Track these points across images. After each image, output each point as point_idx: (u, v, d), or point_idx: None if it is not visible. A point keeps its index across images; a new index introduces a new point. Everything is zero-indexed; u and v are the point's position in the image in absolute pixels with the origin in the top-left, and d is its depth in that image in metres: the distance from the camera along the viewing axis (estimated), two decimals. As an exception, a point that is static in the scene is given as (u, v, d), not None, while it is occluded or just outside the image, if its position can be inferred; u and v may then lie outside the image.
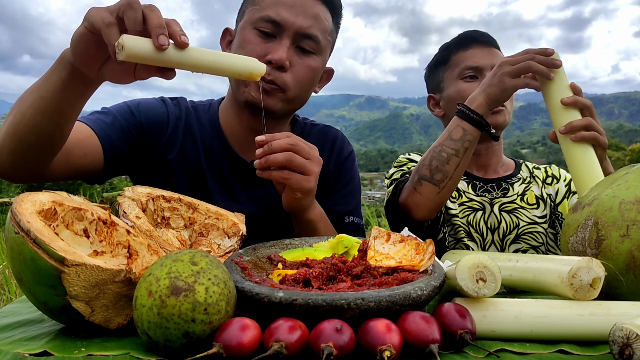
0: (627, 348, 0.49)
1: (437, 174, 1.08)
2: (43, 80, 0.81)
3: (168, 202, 0.85)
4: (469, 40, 1.36)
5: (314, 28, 1.06)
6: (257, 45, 1.04)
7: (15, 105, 0.86)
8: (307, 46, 1.07)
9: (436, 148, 1.11)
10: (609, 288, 0.69)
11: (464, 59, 1.35)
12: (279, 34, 1.04)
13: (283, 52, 1.03)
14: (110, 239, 0.67)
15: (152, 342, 0.52)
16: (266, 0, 1.05)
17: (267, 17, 1.03)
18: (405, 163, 1.38)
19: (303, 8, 1.05)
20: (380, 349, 0.49)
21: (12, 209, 0.57)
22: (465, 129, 1.08)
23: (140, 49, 0.67)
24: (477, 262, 0.60)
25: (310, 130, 1.26)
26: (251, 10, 1.07)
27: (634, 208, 0.70)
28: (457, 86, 1.35)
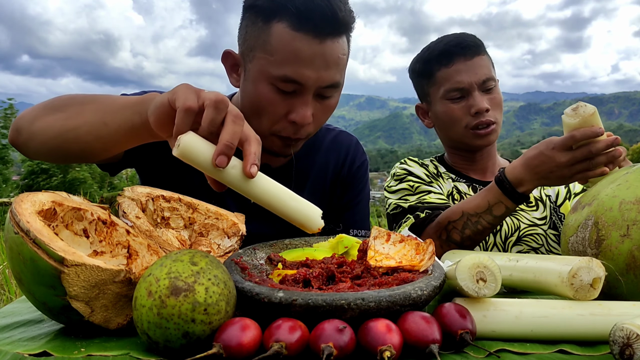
0: (628, 348, 0.49)
1: (467, 241, 1.08)
2: (111, 109, 0.77)
3: (168, 202, 0.85)
4: (450, 55, 1.30)
5: (335, 75, 0.98)
6: (278, 106, 0.96)
7: (66, 108, 0.82)
8: (328, 93, 1.00)
9: (471, 217, 1.07)
10: (609, 288, 0.69)
11: (447, 78, 1.30)
12: (300, 91, 0.95)
13: (307, 111, 0.96)
14: (110, 239, 0.66)
15: (151, 342, 0.51)
16: (281, 53, 0.93)
17: (287, 77, 0.93)
18: (404, 177, 1.34)
19: (323, 58, 0.94)
20: (381, 349, 0.49)
21: (12, 209, 0.57)
22: (508, 207, 1.04)
23: (196, 156, 0.61)
24: (478, 262, 0.60)
25: (325, 135, 1.22)
26: (264, 60, 0.95)
27: (634, 208, 0.70)
28: (445, 107, 1.32)
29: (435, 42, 1.36)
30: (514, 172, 1.02)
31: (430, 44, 1.37)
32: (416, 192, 1.30)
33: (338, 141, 1.23)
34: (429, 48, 1.35)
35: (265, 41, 0.95)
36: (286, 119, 0.97)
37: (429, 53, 1.34)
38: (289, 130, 0.99)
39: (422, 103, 1.43)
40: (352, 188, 1.22)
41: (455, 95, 1.29)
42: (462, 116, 1.30)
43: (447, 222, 1.11)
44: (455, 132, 1.33)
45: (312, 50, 0.93)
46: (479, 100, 1.28)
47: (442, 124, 1.36)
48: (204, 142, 0.61)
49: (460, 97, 1.30)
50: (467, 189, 1.38)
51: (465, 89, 1.28)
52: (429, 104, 1.39)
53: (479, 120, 1.29)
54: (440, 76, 1.31)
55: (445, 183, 1.39)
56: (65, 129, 0.81)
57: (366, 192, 1.25)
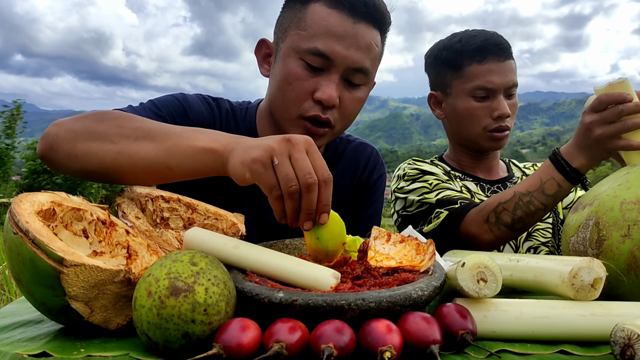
0: (629, 349, 0.49)
1: (519, 224, 1.04)
2: (175, 153, 0.74)
3: (167, 202, 0.85)
4: (485, 52, 1.27)
5: (365, 61, 0.97)
6: (305, 82, 0.96)
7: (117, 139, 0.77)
8: (357, 80, 0.99)
9: (523, 197, 1.04)
10: (610, 288, 0.69)
11: (478, 75, 1.27)
12: (327, 68, 0.96)
13: (333, 90, 0.95)
14: (110, 239, 0.66)
15: (151, 342, 0.51)
16: (314, 27, 0.95)
17: (317, 50, 0.94)
18: (418, 176, 1.30)
19: (355, 39, 0.95)
20: (381, 350, 0.49)
21: (11, 210, 0.57)
22: (561, 185, 1.00)
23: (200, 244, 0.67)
24: (478, 262, 0.60)
25: (346, 146, 1.20)
26: (296, 35, 0.97)
27: (635, 208, 0.70)
28: (467, 103, 1.29)
29: (467, 35, 1.32)
30: (566, 147, 1.00)
31: (461, 36, 1.33)
32: (434, 189, 1.26)
33: (358, 152, 1.21)
34: (460, 40, 1.31)
35: (300, 19, 0.97)
36: (312, 99, 0.96)
37: (461, 45, 1.30)
38: (315, 109, 0.97)
39: (436, 92, 1.39)
40: (366, 198, 1.20)
41: (481, 94, 1.28)
42: (482, 117, 1.28)
43: (496, 204, 1.07)
44: (471, 130, 1.32)
45: (344, 26, 0.95)
46: (503, 105, 1.27)
47: (459, 119, 1.33)
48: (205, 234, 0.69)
49: (485, 97, 1.28)
50: (476, 187, 1.38)
51: (493, 89, 1.27)
52: (447, 95, 1.35)
53: (498, 124, 1.28)
54: (470, 71, 1.28)
55: (455, 182, 1.37)
56: (118, 164, 0.77)
57: (379, 204, 1.23)
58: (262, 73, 1.07)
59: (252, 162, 0.66)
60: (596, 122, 0.92)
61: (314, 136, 0.98)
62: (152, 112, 1.00)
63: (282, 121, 1.02)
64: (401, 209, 1.31)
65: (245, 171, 0.67)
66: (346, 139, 1.23)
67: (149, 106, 1.02)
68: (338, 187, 1.17)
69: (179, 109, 1.04)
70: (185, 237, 0.68)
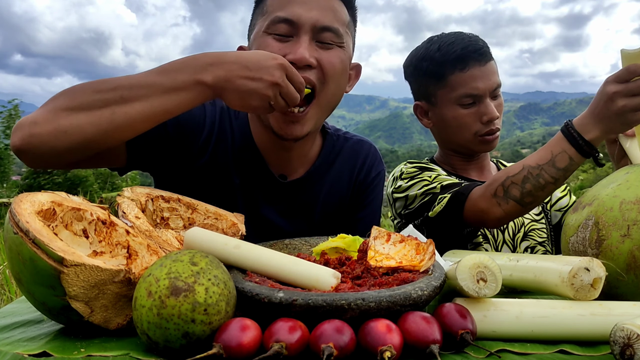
0: (628, 348, 0.49)
1: (528, 198, 1.00)
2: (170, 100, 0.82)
3: (167, 202, 0.85)
4: (466, 59, 1.25)
5: (332, 20, 0.98)
6: (275, 48, 0.95)
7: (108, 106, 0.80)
8: (328, 39, 0.98)
9: (533, 170, 1.00)
10: (609, 288, 0.69)
11: (462, 83, 1.26)
12: (295, 34, 0.96)
13: (304, 49, 0.94)
14: (110, 239, 0.66)
15: (151, 342, 0.51)
16: (274, 5, 0.98)
17: (278, 17, 0.96)
18: (417, 173, 1.29)
19: (317, 2, 0.97)
20: (381, 350, 0.49)
21: (11, 210, 0.57)
22: (573, 158, 0.95)
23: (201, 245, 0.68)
24: (478, 262, 0.60)
25: (343, 144, 1.20)
26: (261, 21, 1.00)
27: (634, 208, 0.70)
28: (455, 111, 1.28)
29: (445, 43, 1.30)
30: (579, 119, 0.96)
31: (439, 43, 1.31)
32: (434, 181, 1.24)
33: (356, 149, 1.21)
34: (439, 49, 1.29)
35: (262, 7, 1.01)
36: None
37: (440, 54, 1.28)
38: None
39: (421, 102, 1.39)
40: (364, 196, 1.20)
41: (467, 101, 1.26)
42: (472, 123, 1.28)
43: (504, 178, 1.04)
44: (462, 137, 1.31)
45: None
46: (491, 108, 1.27)
47: (447, 127, 1.33)
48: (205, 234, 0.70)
49: (472, 103, 1.27)
50: None
51: (478, 95, 1.26)
52: (432, 105, 1.35)
53: (489, 128, 1.28)
54: (454, 80, 1.27)
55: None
56: (116, 125, 0.81)
57: (378, 201, 1.23)
58: None
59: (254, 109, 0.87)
60: (620, 92, 0.87)
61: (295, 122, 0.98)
62: None
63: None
64: (402, 209, 1.29)
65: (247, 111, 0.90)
66: (344, 136, 1.22)
67: None
68: (336, 184, 1.16)
69: None
70: (186, 237, 0.68)
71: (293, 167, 1.11)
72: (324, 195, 1.14)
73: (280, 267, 0.65)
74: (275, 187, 1.09)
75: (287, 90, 0.85)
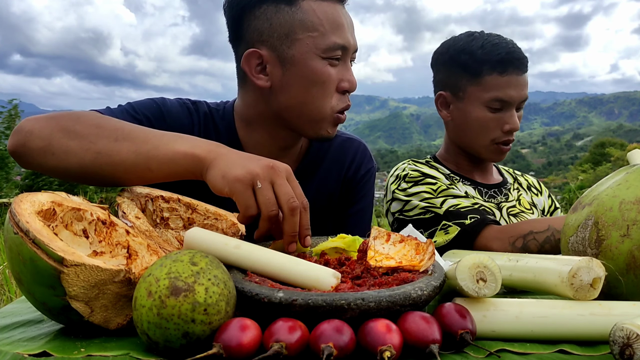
0: (628, 348, 0.49)
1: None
2: (156, 157, 0.77)
3: (167, 202, 0.85)
4: (507, 64, 1.25)
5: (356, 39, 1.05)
6: (332, 77, 1.00)
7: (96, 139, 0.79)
8: (354, 59, 1.06)
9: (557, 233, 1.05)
10: (609, 288, 0.69)
11: (497, 86, 1.25)
12: (343, 58, 1.01)
13: (354, 77, 1.03)
14: (110, 239, 0.66)
15: (151, 342, 0.51)
16: (325, 25, 0.98)
17: (337, 44, 0.98)
18: (420, 179, 1.28)
19: (350, 23, 1.02)
20: (381, 349, 0.49)
21: (11, 210, 0.57)
22: None
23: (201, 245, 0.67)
24: (478, 262, 0.60)
25: (332, 142, 1.19)
26: (309, 38, 0.97)
27: (634, 208, 0.70)
28: (481, 113, 1.27)
29: (489, 43, 1.28)
30: None
31: (482, 42, 1.29)
32: (439, 195, 1.24)
33: (345, 146, 1.21)
34: (482, 46, 1.28)
35: (302, 20, 0.97)
36: (337, 90, 1.01)
37: (483, 53, 1.27)
38: (344, 99, 1.03)
39: (446, 92, 1.36)
40: (355, 194, 1.19)
41: (495, 106, 1.26)
42: (493, 128, 1.28)
43: (528, 231, 1.06)
44: (479, 140, 1.31)
45: (341, 14, 1.01)
46: (515, 119, 1.27)
47: (467, 126, 1.32)
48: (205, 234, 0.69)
49: (499, 108, 1.27)
50: (474, 192, 1.37)
51: (508, 102, 1.26)
52: (458, 99, 1.33)
53: (507, 137, 1.28)
54: (489, 82, 1.26)
55: (457, 185, 1.35)
56: (99, 164, 0.78)
57: (369, 199, 1.22)
58: (260, 84, 1.02)
59: (234, 179, 0.70)
60: None
61: (337, 126, 1.04)
62: (129, 114, 1.01)
63: (313, 123, 1.02)
64: (398, 212, 1.29)
65: (224, 186, 0.71)
66: None
67: (127, 108, 1.02)
68: (325, 183, 1.16)
69: (156, 113, 1.04)
70: (186, 237, 0.68)
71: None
72: (313, 193, 1.13)
73: (280, 268, 0.65)
74: None
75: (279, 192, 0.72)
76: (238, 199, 0.71)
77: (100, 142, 0.79)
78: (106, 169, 0.79)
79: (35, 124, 0.82)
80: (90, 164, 0.79)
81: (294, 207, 0.70)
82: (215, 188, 0.73)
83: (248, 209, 0.70)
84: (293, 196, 0.71)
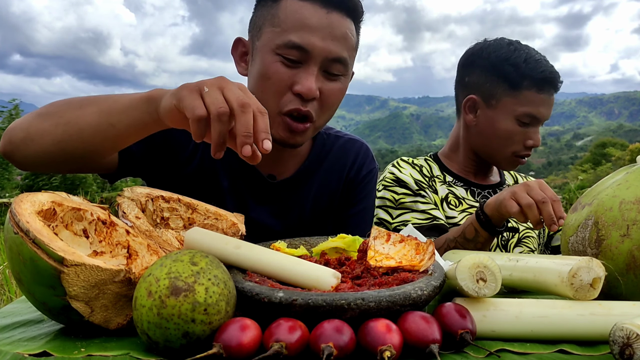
0: (628, 348, 0.49)
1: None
2: (116, 110, 0.77)
3: (167, 202, 0.85)
4: (547, 84, 1.28)
5: (342, 51, 0.96)
6: (283, 75, 0.94)
7: (64, 114, 0.81)
8: (335, 70, 0.97)
9: (450, 242, 1.16)
10: (609, 288, 0.69)
11: (532, 102, 1.27)
12: (305, 61, 0.94)
13: (312, 82, 0.93)
14: (110, 239, 0.66)
15: (151, 342, 0.51)
16: (288, 21, 0.94)
17: (292, 43, 0.93)
18: (390, 185, 1.33)
19: (330, 29, 0.94)
20: (381, 349, 0.49)
21: (11, 210, 0.57)
22: (478, 231, 1.10)
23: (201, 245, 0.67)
24: (478, 262, 0.60)
25: (334, 142, 1.18)
26: (271, 32, 0.96)
27: (634, 208, 0.70)
28: (511, 125, 1.29)
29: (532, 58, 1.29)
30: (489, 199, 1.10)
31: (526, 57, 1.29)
32: (398, 206, 1.30)
33: (347, 147, 1.20)
34: (526, 61, 1.28)
35: (273, 15, 0.97)
36: (291, 92, 0.95)
37: (528, 68, 1.27)
38: (294, 102, 0.95)
39: (477, 97, 1.34)
40: (356, 193, 1.19)
41: (526, 120, 1.29)
42: (518, 142, 1.31)
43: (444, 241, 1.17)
44: (501, 151, 1.32)
45: (318, 17, 0.94)
46: (538, 136, 1.32)
47: (493, 135, 1.32)
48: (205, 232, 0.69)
49: (527, 124, 1.29)
50: (465, 193, 1.38)
51: (538, 120, 1.29)
52: (489, 106, 1.32)
53: (526, 152, 1.32)
54: (527, 96, 1.27)
55: (439, 188, 1.36)
56: (68, 134, 0.80)
57: (371, 200, 1.22)
58: (240, 72, 1.06)
59: (180, 89, 0.66)
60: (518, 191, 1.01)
61: (295, 133, 0.98)
62: None
63: None
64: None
65: (172, 100, 0.66)
66: (335, 135, 1.21)
67: None
68: (326, 183, 1.16)
69: None
70: (186, 237, 0.68)
71: (282, 167, 1.11)
72: (314, 194, 1.13)
73: (280, 268, 0.65)
74: (265, 187, 1.08)
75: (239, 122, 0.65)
76: (184, 103, 0.64)
77: (67, 114, 0.81)
78: (75, 138, 0.79)
79: (17, 121, 0.85)
80: (61, 138, 0.80)
81: (245, 102, 0.63)
82: (165, 109, 0.69)
83: (195, 109, 0.63)
84: (244, 96, 0.64)
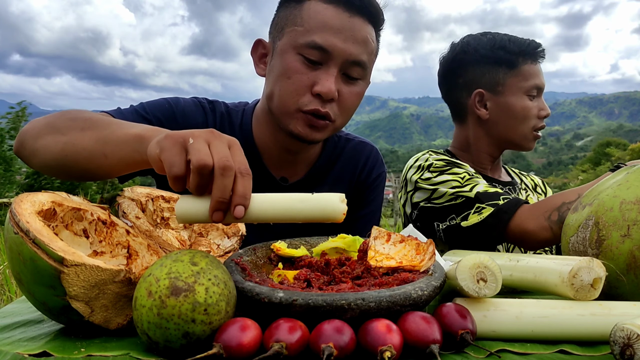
0: (628, 348, 0.49)
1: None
2: (112, 141, 0.75)
3: (167, 202, 0.85)
4: (536, 54, 1.32)
5: (362, 54, 0.98)
6: (304, 75, 0.96)
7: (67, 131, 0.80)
8: (355, 73, 0.99)
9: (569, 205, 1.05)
10: (609, 288, 0.69)
11: (534, 75, 1.31)
12: (325, 62, 0.96)
13: (332, 83, 0.95)
14: (110, 239, 0.66)
15: (152, 342, 0.51)
16: (311, 22, 0.96)
17: (314, 43, 0.94)
18: (446, 168, 1.26)
19: (352, 32, 0.96)
20: (381, 350, 0.49)
21: (11, 210, 0.57)
22: None
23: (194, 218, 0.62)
24: (478, 262, 0.60)
25: (345, 145, 1.20)
26: (293, 32, 0.97)
27: (634, 208, 0.70)
28: (523, 102, 1.31)
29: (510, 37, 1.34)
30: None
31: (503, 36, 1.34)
32: (465, 183, 1.22)
33: (358, 150, 1.21)
34: (510, 41, 1.32)
35: (296, 16, 0.98)
36: (311, 93, 0.96)
37: (515, 45, 1.32)
38: (314, 103, 0.97)
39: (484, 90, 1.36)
40: (365, 196, 1.20)
41: (534, 93, 1.31)
42: (533, 116, 1.32)
43: (560, 203, 1.06)
44: (522, 129, 1.33)
45: (341, 20, 0.96)
46: (546, 105, 1.34)
47: (511, 118, 1.33)
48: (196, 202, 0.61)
49: (535, 96, 1.32)
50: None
51: (541, 89, 1.32)
52: (496, 94, 1.34)
53: (542, 125, 1.33)
54: (526, 71, 1.31)
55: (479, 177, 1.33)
56: (64, 154, 0.80)
57: (378, 203, 1.23)
58: (259, 73, 1.07)
59: (164, 138, 0.61)
60: None
61: (316, 129, 0.99)
62: (139, 114, 1.01)
63: (281, 116, 1.00)
64: (424, 201, 1.26)
65: (156, 148, 0.62)
66: (345, 137, 1.22)
67: (137, 108, 1.03)
68: (337, 185, 1.17)
69: (167, 113, 1.05)
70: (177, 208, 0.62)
71: (294, 169, 1.12)
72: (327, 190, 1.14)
73: (286, 208, 0.60)
74: (277, 190, 1.09)
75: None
76: (163, 156, 0.60)
77: (70, 132, 0.80)
78: (70, 158, 0.79)
79: (32, 124, 0.85)
80: (58, 156, 0.80)
81: (227, 165, 0.58)
82: (151, 158, 0.64)
83: (172, 166, 0.59)
84: (228, 156, 0.59)
